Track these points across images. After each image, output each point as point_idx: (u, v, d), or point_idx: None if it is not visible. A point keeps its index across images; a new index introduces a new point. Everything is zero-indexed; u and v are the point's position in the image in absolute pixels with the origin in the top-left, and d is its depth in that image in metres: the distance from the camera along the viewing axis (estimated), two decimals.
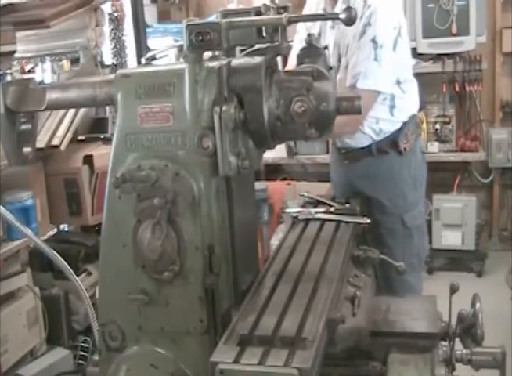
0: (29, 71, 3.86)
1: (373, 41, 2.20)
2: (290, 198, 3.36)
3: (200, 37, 1.29)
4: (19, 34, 3.40)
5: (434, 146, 4.58)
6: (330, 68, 1.45)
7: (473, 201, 4.57)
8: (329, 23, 2.36)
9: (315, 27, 2.40)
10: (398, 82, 2.36)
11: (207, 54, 1.40)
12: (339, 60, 2.34)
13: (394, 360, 1.42)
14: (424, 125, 4.41)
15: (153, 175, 1.35)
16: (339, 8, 2.28)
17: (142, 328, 1.43)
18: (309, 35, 1.47)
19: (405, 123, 2.40)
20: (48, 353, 3.26)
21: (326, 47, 1.53)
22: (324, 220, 1.89)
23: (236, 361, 1.16)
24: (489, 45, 4.67)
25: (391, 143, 2.39)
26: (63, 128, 3.51)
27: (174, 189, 1.35)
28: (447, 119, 4.65)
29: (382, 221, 2.38)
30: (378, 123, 2.37)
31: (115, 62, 4.12)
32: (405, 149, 2.39)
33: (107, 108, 3.90)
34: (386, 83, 2.28)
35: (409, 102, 2.43)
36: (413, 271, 2.37)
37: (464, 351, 1.46)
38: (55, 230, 3.86)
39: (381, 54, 2.21)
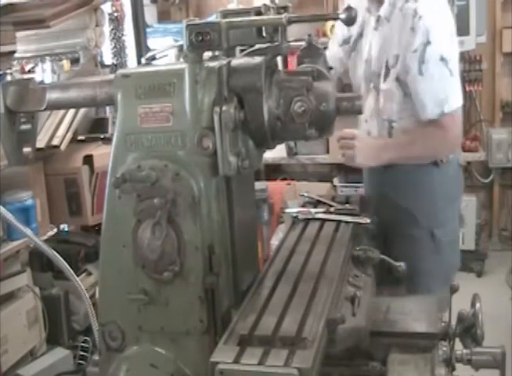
0: (29, 71, 3.86)
1: (442, 59, 2.09)
2: (290, 198, 3.36)
3: (200, 37, 1.29)
4: (19, 34, 3.40)
5: None
6: (330, 68, 1.45)
7: (473, 201, 4.57)
8: (372, 23, 2.25)
9: (354, 27, 2.30)
10: None
11: (207, 54, 1.40)
12: (386, 67, 2.20)
13: (394, 360, 1.42)
14: None
15: (153, 175, 1.35)
16: (384, 9, 2.18)
17: (142, 328, 1.43)
18: (309, 35, 1.47)
19: None
20: (48, 353, 3.25)
21: (325, 47, 1.52)
22: (324, 220, 1.89)
23: (236, 361, 1.16)
24: (489, 45, 4.68)
25: None
26: (63, 128, 3.51)
27: (174, 189, 1.35)
28: None
29: (411, 233, 2.28)
30: None
31: (115, 62, 4.12)
32: (441, 160, 2.28)
33: (107, 108, 3.90)
34: (461, 92, 2.18)
35: None
36: (441, 288, 2.12)
37: (464, 351, 1.46)
38: (55, 230, 3.85)
39: (452, 67, 2.12)
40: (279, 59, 1.46)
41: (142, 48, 4.31)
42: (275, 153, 4.60)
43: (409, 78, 2.13)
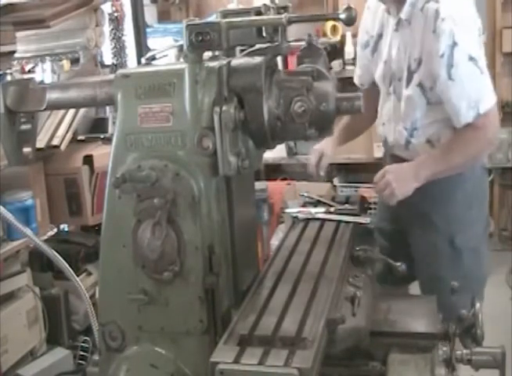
0: (29, 71, 3.86)
1: (471, 58, 2.00)
2: (290, 198, 3.36)
3: (200, 37, 1.29)
4: (19, 34, 3.40)
5: None
6: (330, 68, 1.45)
7: None
8: (392, 24, 2.16)
9: (374, 29, 2.25)
10: None
11: (207, 54, 1.40)
12: (409, 72, 2.11)
13: (394, 360, 1.42)
14: None
15: (153, 175, 1.35)
16: (405, 12, 2.08)
17: (142, 328, 1.43)
18: (309, 35, 1.47)
19: None
20: (48, 353, 3.25)
21: (325, 48, 1.52)
22: (324, 220, 1.89)
23: (236, 361, 1.16)
24: (489, 45, 4.66)
25: None
26: (63, 128, 3.50)
27: (174, 189, 1.35)
28: None
29: (430, 239, 2.19)
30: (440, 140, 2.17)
31: (115, 62, 4.12)
32: None
33: (107, 108, 3.90)
34: (492, 89, 2.10)
35: None
36: (458, 294, 1.92)
37: (464, 351, 1.46)
38: (55, 230, 3.85)
39: (482, 64, 2.03)
40: (279, 59, 1.46)
41: (142, 48, 4.32)
42: (275, 153, 4.61)
43: (438, 86, 2.03)
